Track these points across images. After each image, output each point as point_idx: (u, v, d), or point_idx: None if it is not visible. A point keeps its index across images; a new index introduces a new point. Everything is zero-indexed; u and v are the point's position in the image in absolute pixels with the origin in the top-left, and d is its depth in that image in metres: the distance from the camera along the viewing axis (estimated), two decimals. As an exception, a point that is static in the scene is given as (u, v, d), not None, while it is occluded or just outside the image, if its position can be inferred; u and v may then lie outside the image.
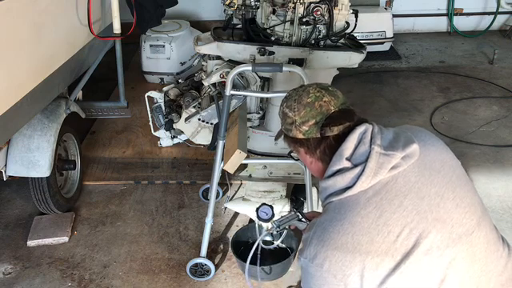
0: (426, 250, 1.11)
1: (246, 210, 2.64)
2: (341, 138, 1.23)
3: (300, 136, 1.29)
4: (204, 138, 2.77)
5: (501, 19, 6.09)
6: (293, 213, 1.69)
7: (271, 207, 1.80)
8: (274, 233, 2.09)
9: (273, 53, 2.30)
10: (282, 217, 1.69)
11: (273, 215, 1.79)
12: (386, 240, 1.11)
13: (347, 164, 1.19)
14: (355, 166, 1.18)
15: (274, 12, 2.34)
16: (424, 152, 1.22)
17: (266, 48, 2.29)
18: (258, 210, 1.96)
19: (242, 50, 2.34)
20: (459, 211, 1.17)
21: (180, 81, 2.95)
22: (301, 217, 1.65)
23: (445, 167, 1.23)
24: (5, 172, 2.57)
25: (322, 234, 1.17)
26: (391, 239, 1.11)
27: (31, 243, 2.76)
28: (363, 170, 1.16)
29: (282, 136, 1.40)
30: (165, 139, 2.98)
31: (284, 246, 2.52)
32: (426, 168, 1.20)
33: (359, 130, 1.22)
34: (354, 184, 1.16)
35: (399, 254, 1.10)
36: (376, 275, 1.10)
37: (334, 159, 1.22)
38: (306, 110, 1.27)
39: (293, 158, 1.47)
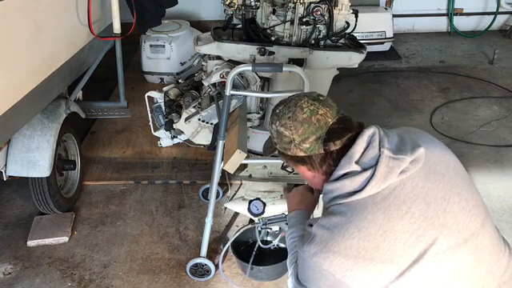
0: (433, 256, 1.10)
1: (246, 210, 2.64)
2: (345, 149, 1.19)
3: (301, 154, 1.23)
4: (204, 137, 2.76)
5: (501, 19, 6.09)
6: (282, 215, 1.70)
7: (264, 204, 1.82)
8: (259, 229, 2.11)
9: (273, 53, 2.30)
10: (271, 216, 1.70)
11: (263, 212, 1.81)
12: (392, 248, 1.09)
13: (356, 168, 1.16)
14: (364, 169, 1.15)
15: (274, 12, 2.34)
16: (428, 155, 1.20)
17: (266, 48, 2.29)
18: (251, 202, 1.99)
19: (242, 50, 2.34)
20: (465, 214, 1.16)
21: (180, 81, 2.94)
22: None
23: (449, 170, 1.22)
24: (5, 172, 2.57)
25: (325, 234, 1.15)
26: (398, 247, 1.10)
27: (31, 243, 2.76)
28: (373, 174, 1.13)
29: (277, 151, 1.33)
30: (165, 139, 2.98)
31: (283, 245, 2.51)
32: (431, 172, 1.19)
33: (367, 132, 1.19)
34: (363, 188, 1.14)
35: (405, 262, 1.10)
36: (379, 280, 1.10)
37: (343, 162, 1.18)
38: (303, 126, 1.20)
39: (287, 171, 1.43)
